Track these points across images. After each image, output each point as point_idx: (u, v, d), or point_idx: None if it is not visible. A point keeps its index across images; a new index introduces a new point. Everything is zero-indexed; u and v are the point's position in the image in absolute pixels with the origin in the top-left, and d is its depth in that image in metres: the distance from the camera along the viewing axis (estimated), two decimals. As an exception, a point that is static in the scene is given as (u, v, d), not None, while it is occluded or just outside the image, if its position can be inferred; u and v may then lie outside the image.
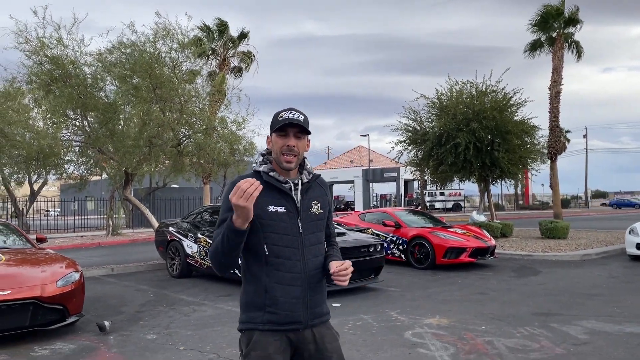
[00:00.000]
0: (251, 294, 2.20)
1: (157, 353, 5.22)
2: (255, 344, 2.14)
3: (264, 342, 2.14)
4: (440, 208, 51.71)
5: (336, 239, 2.50)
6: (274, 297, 2.16)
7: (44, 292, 5.64)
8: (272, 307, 2.16)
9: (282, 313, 2.16)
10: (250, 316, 2.19)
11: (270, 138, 2.28)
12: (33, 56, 10.99)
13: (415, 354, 5.06)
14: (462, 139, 15.85)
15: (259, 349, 2.13)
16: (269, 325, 2.16)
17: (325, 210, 2.36)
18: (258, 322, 2.17)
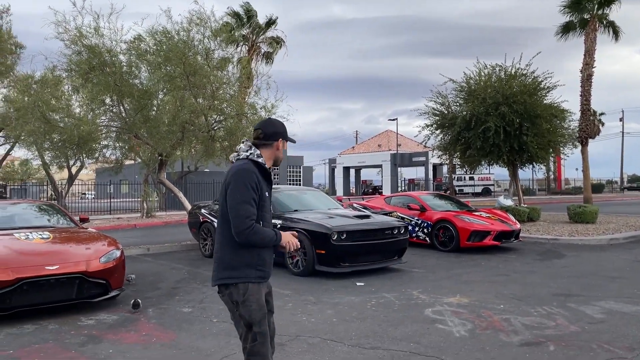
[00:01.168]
0: (246, 257, 2.87)
1: (193, 324, 5.63)
2: (252, 293, 2.88)
3: (257, 290, 2.91)
4: (469, 192, 51.36)
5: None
6: (264, 259, 2.93)
7: (88, 267, 6.11)
8: (262, 267, 2.93)
9: (267, 270, 2.98)
10: (245, 272, 2.87)
11: (282, 142, 3.08)
12: (72, 45, 11.50)
13: (434, 329, 5.33)
14: (491, 123, 15.81)
15: (255, 295, 2.89)
16: (259, 279, 2.92)
17: None
18: (252, 277, 2.89)
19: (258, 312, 2.88)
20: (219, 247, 2.94)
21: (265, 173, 2.97)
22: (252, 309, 2.87)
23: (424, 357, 4.48)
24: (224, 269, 2.90)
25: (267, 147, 3.03)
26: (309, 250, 8.24)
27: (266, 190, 2.95)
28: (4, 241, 6.30)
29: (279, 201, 9.77)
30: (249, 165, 2.91)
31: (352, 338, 5.04)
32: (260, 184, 2.90)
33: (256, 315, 2.87)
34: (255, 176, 2.87)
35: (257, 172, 2.91)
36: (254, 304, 2.87)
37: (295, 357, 4.51)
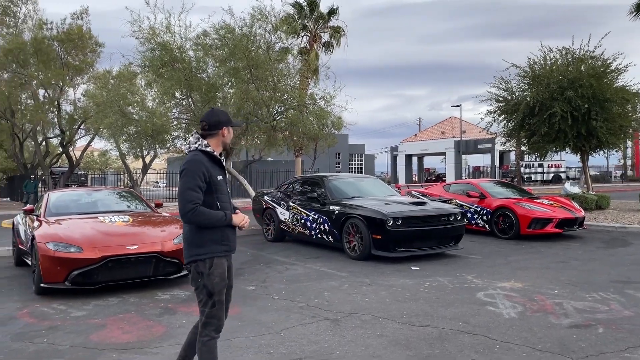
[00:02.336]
0: (210, 234, 3.24)
1: (256, 300, 6.12)
2: (215, 266, 3.25)
3: (220, 263, 3.28)
4: (538, 180, 49.53)
5: None
6: (227, 235, 3.32)
7: (163, 247, 6.75)
8: (226, 242, 3.32)
9: (231, 245, 3.37)
10: (211, 248, 3.24)
11: (226, 129, 3.37)
12: (146, 43, 12.35)
13: (484, 310, 5.52)
14: (557, 108, 15.34)
15: (218, 269, 3.26)
16: (224, 253, 3.30)
17: None
18: (218, 251, 3.26)
19: (220, 284, 3.27)
20: (186, 229, 3.31)
21: (214, 160, 3.30)
22: (215, 281, 3.24)
23: (471, 335, 4.70)
24: (192, 247, 3.26)
25: (213, 136, 3.35)
26: (365, 236, 8.55)
27: (218, 175, 3.29)
28: (90, 223, 7.07)
29: (337, 188, 10.13)
30: (198, 156, 3.25)
31: (403, 316, 5.33)
32: (209, 170, 3.23)
33: (218, 286, 3.26)
34: (203, 165, 3.21)
35: (205, 160, 3.25)
36: (217, 277, 3.25)
37: (348, 332, 4.86)
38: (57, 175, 31.55)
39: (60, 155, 35.57)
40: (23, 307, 6.02)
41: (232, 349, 4.45)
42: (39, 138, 30.42)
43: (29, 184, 25.46)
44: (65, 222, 7.14)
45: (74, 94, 28.05)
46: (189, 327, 5.01)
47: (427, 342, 4.53)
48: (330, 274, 7.60)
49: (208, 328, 3.28)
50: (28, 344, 4.71)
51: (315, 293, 6.42)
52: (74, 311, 5.78)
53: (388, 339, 4.62)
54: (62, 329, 5.13)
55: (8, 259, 9.54)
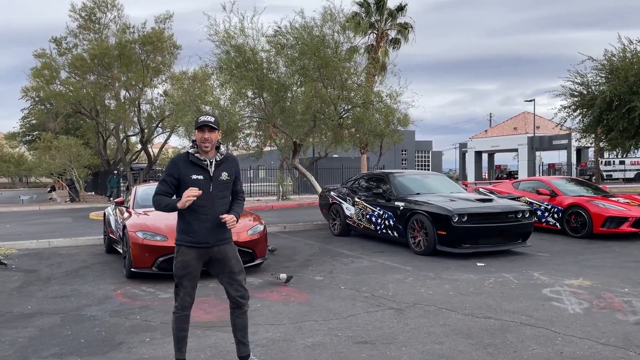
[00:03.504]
0: (182, 225, 3.71)
1: (324, 289, 6.49)
2: (180, 254, 3.71)
3: (185, 252, 3.70)
4: (619, 178, 46.80)
5: (243, 195, 4.04)
6: (192, 228, 3.67)
7: (239, 238, 7.25)
8: (191, 234, 3.67)
9: (197, 237, 3.67)
10: (180, 237, 3.72)
11: (196, 132, 3.66)
12: (221, 46, 13.07)
13: (549, 305, 5.57)
14: (637, 103, 14.66)
15: (180, 256, 3.71)
16: (189, 243, 3.68)
17: (232, 177, 3.80)
18: (183, 241, 3.70)
19: (180, 270, 3.73)
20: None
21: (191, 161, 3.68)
22: (176, 266, 3.73)
23: (533, 327, 4.80)
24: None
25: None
26: (430, 231, 8.70)
27: (193, 174, 3.65)
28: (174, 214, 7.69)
29: (402, 184, 10.31)
30: (177, 156, 3.81)
31: (466, 309, 5.50)
32: (180, 169, 3.66)
33: (177, 271, 3.74)
34: (175, 164, 3.70)
35: (181, 160, 3.71)
36: (179, 263, 3.72)
37: (412, 320, 5.11)
38: (136, 171, 33.64)
39: (139, 152, 37.86)
40: (117, 289, 6.72)
41: (303, 330, 4.83)
42: (121, 136, 32.61)
43: (112, 179, 27.38)
44: (152, 213, 7.82)
45: (151, 94, 29.82)
46: (263, 311, 5.48)
47: (489, 332, 4.69)
48: (394, 268, 7.83)
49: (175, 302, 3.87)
50: (124, 320, 5.33)
51: (380, 284, 6.69)
52: (161, 293, 6.40)
53: (450, 328, 4.83)
54: (152, 308, 5.73)
55: (99, 247, 10.51)
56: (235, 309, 3.94)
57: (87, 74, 27.91)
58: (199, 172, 3.68)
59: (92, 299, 6.22)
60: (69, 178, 28.79)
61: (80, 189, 28.96)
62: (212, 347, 4.48)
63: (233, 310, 3.95)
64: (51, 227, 14.17)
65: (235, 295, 3.90)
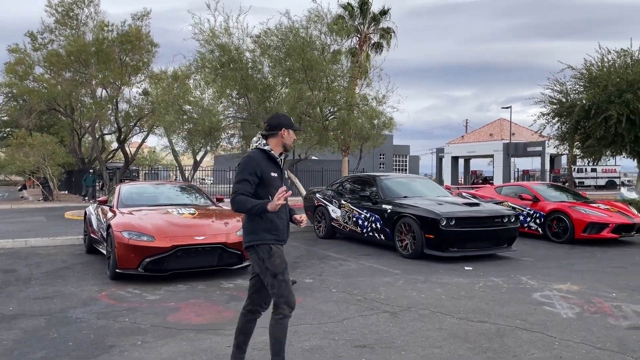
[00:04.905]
0: (264, 224, 3.55)
1: (315, 292, 6.41)
2: (275, 251, 3.56)
3: (277, 249, 3.59)
4: (591, 185, 47.90)
5: None
6: (276, 226, 3.59)
7: (227, 239, 7.14)
8: (275, 232, 3.59)
9: (281, 235, 3.63)
10: (264, 236, 3.56)
11: (286, 131, 3.67)
12: (205, 45, 12.89)
13: (541, 310, 5.60)
14: (614, 111, 14.97)
15: (277, 252, 3.57)
16: (277, 241, 3.59)
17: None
18: (271, 240, 3.57)
19: (281, 265, 3.58)
20: (244, 218, 3.69)
21: (269, 157, 3.63)
22: (277, 262, 3.56)
23: (529, 332, 4.82)
24: (247, 234, 3.63)
25: (273, 136, 3.68)
26: (418, 235, 8.70)
27: (272, 172, 3.60)
28: (161, 215, 7.55)
29: (389, 187, 10.31)
30: (254, 153, 3.65)
31: (460, 312, 5.49)
32: (262, 167, 3.56)
33: (279, 267, 3.56)
34: (255, 162, 3.56)
35: (259, 157, 3.60)
36: (278, 259, 3.57)
37: (407, 324, 5.07)
38: (112, 170, 33.01)
39: (116, 151, 37.18)
40: (101, 290, 6.53)
41: (299, 334, 4.74)
42: (97, 134, 31.93)
43: (88, 178, 26.77)
44: (137, 213, 7.65)
45: (129, 93, 29.32)
46: (257, 313, 5.36)
47: (486, 336, 4.69)
48: (383, 271, 7.80)
49: (282, 307, 3.58)
50: (112, 322, 5.16)
51: (371, 287, 6.65)
52: (148, 295, 6.24)
53: (447, 332, 4.81)
54: (140, 310, 5.57)
55: (79, 247, 10.22)
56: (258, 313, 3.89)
57: (62, 71, 27.27)
58: (275, 169, 3.66)
59: (76, 301, 6.02)
60: (42, 176, 28.06)
61: (54, 187, 28.24)
62: (207, 351, 4.36)
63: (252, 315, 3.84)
64: (26, 226, 13.75)
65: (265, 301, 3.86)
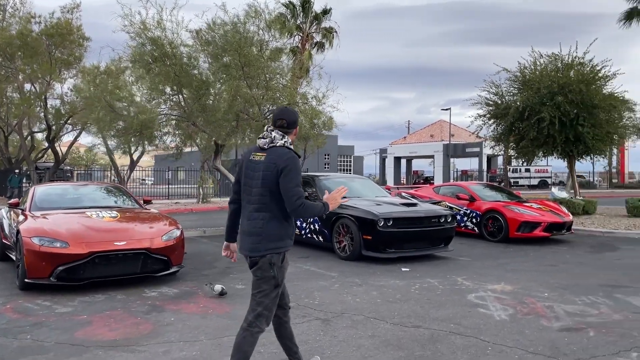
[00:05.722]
0: (289, 229, 3.40)
1: (245, 299, 5.99)
2: (286, 258, 3.41)
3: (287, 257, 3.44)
4: (525, 185, 49.93)
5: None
6: (294, 230, 3.51)
7: (152, 244, 6.64)
8: (292, 236, 3.46)
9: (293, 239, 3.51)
10: (286, 242, 3.38)
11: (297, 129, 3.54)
12: (136, 38, 12.18)
13: (475, 312, 5.50)
14: (546, 114, 15.46)
15: (286, 261, 3.41)
16: (290, 247, 3.44)
17: None
18: (289, 245, 3.41)
19: (284, 277, 3.43)
20: (265, 221, 3.31)
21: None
22: (285, 272, 3.41)
23: (462, 336, 4.67)
24: (271, 240, 3.31)
25: (289, 134, 3.46)
26: (356, 236, 8.51)
27: None
28: (77, 218, 6.93)
29: (327, 188, 10.04)
30: (295, 154, 3.37)
31: (395, 317, 5.29)
32: None
33: (282, 278, 3.41)
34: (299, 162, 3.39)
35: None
36: (286, 268, 3.43)
37: (339, 332, 4.81)
38: (42, 170, 31.14)
39: (46, 150, 35.10)
40: (6, 303, 5.88)
41: (222, 347, 4.38)
42: (24, 132, 30.00)
43: (13, 179, 25.11)
44: (51, 216, 7.00)
45: (61, 89, 27.73)
46: (178, 326, 4.95)
47: (419, 343, 4.50)
48: (320, 274, 7.54)
49: (261, 320, 3.34)
50: (12, 340, 4.59)
51: (306, 292, 6.36)
52: (59, 307, 5.66)
53: (380, 340, 4.58)
54: (46, 325, 5.01)
55: (-9, 254, 9.33)
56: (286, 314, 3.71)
57: (-14, 65, 25.38)
58: None
59: (-26, 316, 5.36)
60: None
61: (-25, 189, 26.27)
62: (116, 370, 3.91)
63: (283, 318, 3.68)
64: None
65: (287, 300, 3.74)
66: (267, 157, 3.33)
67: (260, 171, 3.32)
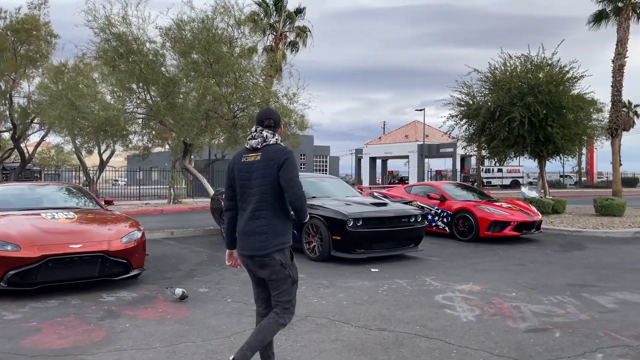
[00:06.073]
0: (290, 225, 3.44)
1: (207, 303, 5.83)
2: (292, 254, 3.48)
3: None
4: (497, 185, 50.63)
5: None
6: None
7: (110, 247, 6.36)
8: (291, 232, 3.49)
9: None
10: (290, 237, 3.43)
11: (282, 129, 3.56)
12: (101, 33, 11.82)
13: (442, 313, 5.39)
14: (516, 114, 15.59)
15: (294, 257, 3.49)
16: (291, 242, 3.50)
17: None
18: (291, 240, 3.47)
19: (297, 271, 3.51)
20: (269, 218, 3.33)
21: None
22: (296, 268, 3.47)
23: (427, 339, 4.55)
24: (276, 237, 3.34)
25: (277, 133, 3.52)
26: (325, 236, 8.36)
27: None
28: (31, 220, 6.61)
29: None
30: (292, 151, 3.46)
31: (360, 320, 5.15)
32: None
33: (297, 273, 3.50)
34: None
35: None
36: (296, 265, 3.48)
37: (302, 336, 4.64)
38: (9, 171, 30.18)
39: (12, 150, 34.05)
40: (-49, 310, 5.54)
41: (176, 355, 4.16)
42: (-12, 131, 29.09)
43: (-25, 179, 24.20)
44: (3, 218, 6.65)
45: (28, 87, 26.93)
46: (132, 333, 4.71)
47: (383, 346, 4.36)
48: (287, 276, 7.35)
49: (287, 314, 3.41)
50: (-50, 351, 4.29)
51: (271, 295, 6.17)
52: (7, 314, 5.35)
53: (343, 344, 4.43)
54: (-9, 334, 4.71)
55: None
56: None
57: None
58: None
59: None
60: None
61: None
62: (60, 382, 3.66)
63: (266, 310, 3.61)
64: None
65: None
66: (263, 156, 3.35)
67: (259, 170, 3.33)
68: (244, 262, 3.51)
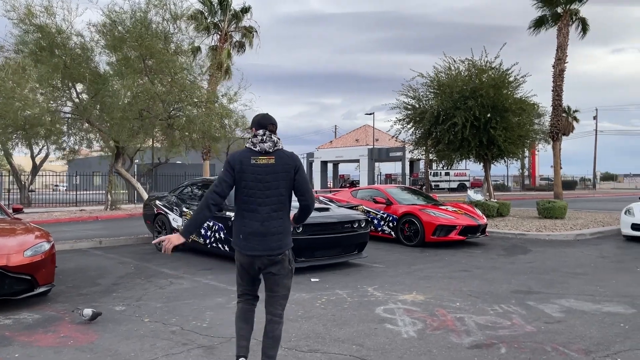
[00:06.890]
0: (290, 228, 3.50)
1: (120, 325, 5.14)
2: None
3: None
4: (445, 188, 51.47)
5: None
6: None
7: (9, 261, 5.56)
8: None
9: None
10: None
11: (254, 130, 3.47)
12: (20, 24, 10.81)
13: (382, 329, 4.95)
14: (459, 118, 15.57)
15: None
16: None
17: None
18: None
19: None
20: (284, 219, 3.40)
21: None
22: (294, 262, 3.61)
23: (363, 361, 4.08)
24: (288, 235, 3.44)
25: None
26: (262, 244, 7.78)
27: None
28: None
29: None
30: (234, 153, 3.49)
31: (291, 340, 4.63)
32: None
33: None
34: None
35: None
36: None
37: (223, 362, 4.07)
38: None
39: None
40: None
41: (66, 393, 3.49)
42: None
43: None
44: None
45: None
46: (16, 365, 3.98)
47: (313, 372, 3.85)
48: (219, 289, 6.75)
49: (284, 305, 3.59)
50: None
51: (196, 313, 5.56)
52: None
53: (267, 371, 3.88)
54: None
55: None
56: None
57: None
58: None
59: None
60: None
61: None
62: None
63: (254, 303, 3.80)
64: None
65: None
66: (278, 160, 3.38)
67: (279, 173, 3.36)
68: (246, 261, 3.42)
